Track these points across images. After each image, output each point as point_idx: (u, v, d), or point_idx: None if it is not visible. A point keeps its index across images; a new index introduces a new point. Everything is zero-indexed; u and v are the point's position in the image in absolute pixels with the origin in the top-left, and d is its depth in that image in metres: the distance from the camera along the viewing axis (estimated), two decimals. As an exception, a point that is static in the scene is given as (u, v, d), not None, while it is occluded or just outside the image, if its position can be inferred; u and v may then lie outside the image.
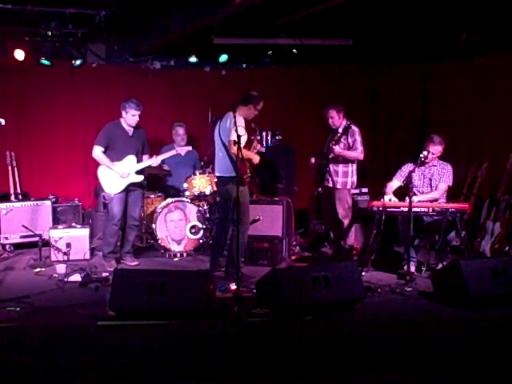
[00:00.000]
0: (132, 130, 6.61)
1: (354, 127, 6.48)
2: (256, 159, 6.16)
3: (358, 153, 6.52)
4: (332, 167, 6.55)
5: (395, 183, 6.42)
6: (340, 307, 5.02)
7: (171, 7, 6.66)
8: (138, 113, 6.50)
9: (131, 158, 6.58)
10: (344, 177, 6.58)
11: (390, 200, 6.19)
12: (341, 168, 6.55)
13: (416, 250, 6.34)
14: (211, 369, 3.93)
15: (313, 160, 6.67)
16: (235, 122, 5.53)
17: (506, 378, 3.79)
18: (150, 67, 8.56)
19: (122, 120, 6.58)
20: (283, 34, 7.74)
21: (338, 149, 6.41)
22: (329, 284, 4.95)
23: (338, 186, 6.59)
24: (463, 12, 6.61)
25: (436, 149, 6.22)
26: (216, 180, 6.50)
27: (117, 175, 6.51)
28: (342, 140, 6.46)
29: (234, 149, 5.63)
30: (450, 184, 6.33)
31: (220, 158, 6.11)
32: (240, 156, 5.46)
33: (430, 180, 6.34)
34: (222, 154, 6.06)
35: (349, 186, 6.65)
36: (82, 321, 4.83)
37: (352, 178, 6.63)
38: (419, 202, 6.11)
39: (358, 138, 6.50)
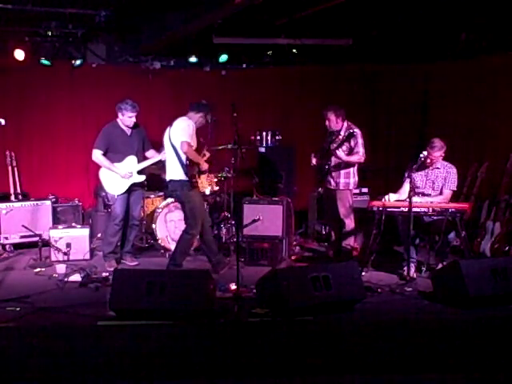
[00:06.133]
0: (130, 129, 6.58)
1: (356, 130, 6.47)
2: (204, 166, 6.22)
3: (360, 156, 6.51)
4: (334, 169, 6.56)
5: (407, 187, 6.19)
6: (340, 307, 5.03)
7: (171, 7, 6.66)
8: (134, 114, 6.47)
9: (132, 159, 6.56)
10: (346, 178, 6.60)
11: (389, 200, 6.17)
12: (342, 169, 6.57)
13: (416, 250, 6.32)
14: (211, 369, 3.93)
15: (314, 160, 6.67)
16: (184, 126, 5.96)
17: (506, 378, 3.79)
18: (150, 67, 8.54)
19: (119, 120, 6.55)
20: (283, 34, 7.74)
21: (340, 154, 6.44)
22: (329, 284, 4.96)
23: (341, 188, 6.60)
24: (463, 12, 6.62)
25: (435, 154, 6.09)
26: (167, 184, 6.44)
27: (118, 176, 6.51)
28: (344, 143, 6.47)
29: (186, 148, 5.89)
30: (455, 189, 6.25)
31: (170, 162, 6.19)
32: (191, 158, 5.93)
33: (433, 182, 6.24)
34: (172, 158, 6.13)
35: (351, 187, 6.66)
36: (82, 321, 4.84)
37: (354, 179, 6.65)
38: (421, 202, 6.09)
39: (360, 141, 6.49)
